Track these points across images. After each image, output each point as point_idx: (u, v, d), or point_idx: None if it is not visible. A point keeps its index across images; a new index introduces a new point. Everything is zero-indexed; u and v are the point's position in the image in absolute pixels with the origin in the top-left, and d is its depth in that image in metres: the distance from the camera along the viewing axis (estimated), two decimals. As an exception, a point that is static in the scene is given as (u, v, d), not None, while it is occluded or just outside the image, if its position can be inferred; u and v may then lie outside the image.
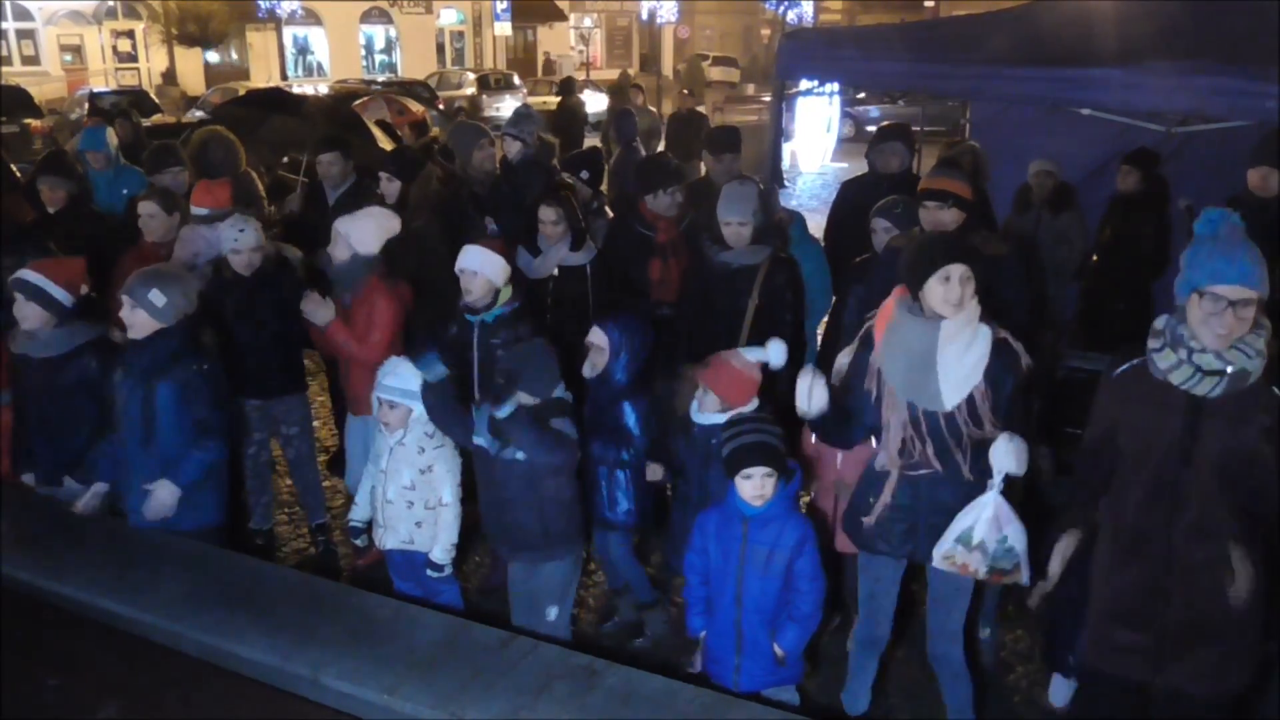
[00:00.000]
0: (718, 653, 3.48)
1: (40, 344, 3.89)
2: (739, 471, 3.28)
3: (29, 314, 3.86)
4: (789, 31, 14.14)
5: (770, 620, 3.39)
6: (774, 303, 4.61)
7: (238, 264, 4.64)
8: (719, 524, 3.42)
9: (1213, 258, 2.73)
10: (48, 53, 29.95)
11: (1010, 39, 5.25)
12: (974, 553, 3.22)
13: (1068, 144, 6.84)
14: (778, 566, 3.33)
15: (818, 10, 42.13)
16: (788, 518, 3.35)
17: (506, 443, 3.67)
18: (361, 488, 4.22)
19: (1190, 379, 2.79)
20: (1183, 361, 2.79)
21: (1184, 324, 2.81)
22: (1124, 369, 2.98)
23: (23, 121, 17.09)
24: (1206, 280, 2.73)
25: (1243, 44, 4.39)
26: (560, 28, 41.50)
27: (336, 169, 5.94)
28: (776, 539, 3.32)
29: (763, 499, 3.29)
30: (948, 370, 3.17)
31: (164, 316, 3.71)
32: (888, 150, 5.74)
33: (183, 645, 3.14)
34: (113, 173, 6.74)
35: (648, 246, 5.21)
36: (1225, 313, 2.70)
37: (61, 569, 3.45)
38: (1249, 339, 2.75)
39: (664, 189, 5.23)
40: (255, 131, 7.48)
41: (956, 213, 4.27)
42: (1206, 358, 2.77)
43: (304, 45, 35.59)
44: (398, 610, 3.26)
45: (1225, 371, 2.75)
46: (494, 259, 4.27)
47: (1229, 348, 2.75)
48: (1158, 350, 2.86)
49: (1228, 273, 2.70)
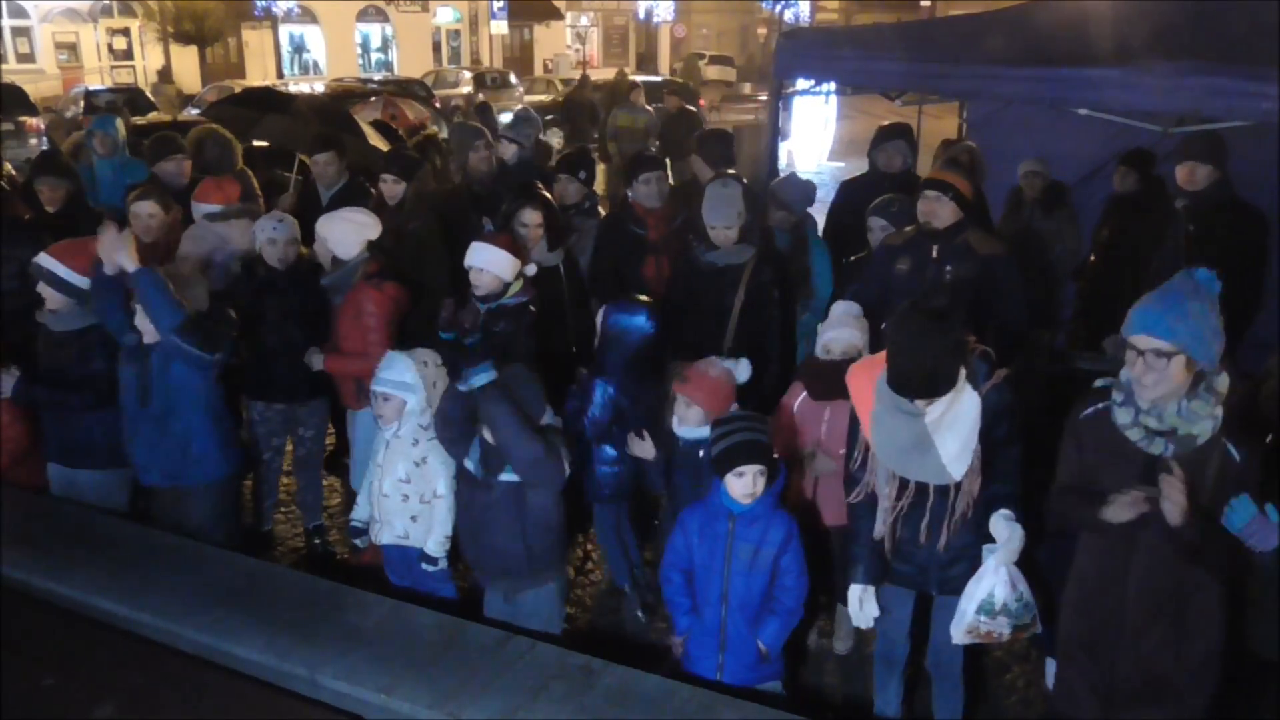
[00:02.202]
0: (701, 650, 3.48)
1: (57, 319, 4.16)
2: (731, 469, 3.28)
3: (50, 296, 4.12)
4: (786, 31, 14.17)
5: (755, 617, 3.41)
6: (759, 300, 4.62)
7: (272, 256, 4.66)
8: (703, 521, 3.42)
9: (1139, 308, 2.79)
10: (43, 50, 29.88)
11: (1007, 39, 5.25)
12: (998, 619, 3.22)
13: (1065, 144, 6.85)
14: (764, 564, 3.35)
15: (814, 9, 42.14)
16: (773, 514, 3.36)
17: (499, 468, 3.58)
18: (362, 487, 4.21)
19: (1142, 438, 2.85)
20: (1134, 422, 2.85)
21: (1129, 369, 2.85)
22: (1089, 413, 3.01)
23: (18, 119, 17.03)
24: (1126, 330, 2.81)
25: (1240, 44, 4.40)
26: (557, 26, 41.47)
27: (331, 168, 5.93)
28: (763, 536, 3.34)
29: (753, 496, 3.30)
30: (947, 447, 3.14)
31: None
32: (890, 149, 5.75)
33: (180, 644, 3.14)
34: (118, 161, 6.74)
35: (640, 245, 5.20)
36: (1137, 362, 2.76)
37: (59, 568, 3.45)
38: (1195, 406, 2.77)
39: (640, 177, 5.22)
40: (248, 131, 7.45)
41: (954, 208, 4.28)
42: (1151, 419, 2.82)
43: (300, 43, 35.53)
44: (395, 609, 3.26)
45: (1174, 432, 2.79)
46: (501, 255, 4.37)
47: (1174, 413, 2.78)
48: (1119, 404, 2.90)
49: (1143, 324, 2.76)
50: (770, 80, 6.10)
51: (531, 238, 4.88)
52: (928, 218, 4.36)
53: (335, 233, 4.68)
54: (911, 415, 3.12)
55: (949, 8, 31.93)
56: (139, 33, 31.01)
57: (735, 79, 34.70)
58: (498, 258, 4.37)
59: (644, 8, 39.26)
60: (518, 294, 4.43)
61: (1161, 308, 2.75)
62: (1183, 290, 2.77)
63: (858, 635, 4.23)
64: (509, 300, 4.41)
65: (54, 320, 4.15)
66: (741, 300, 4.58)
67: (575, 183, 5.59)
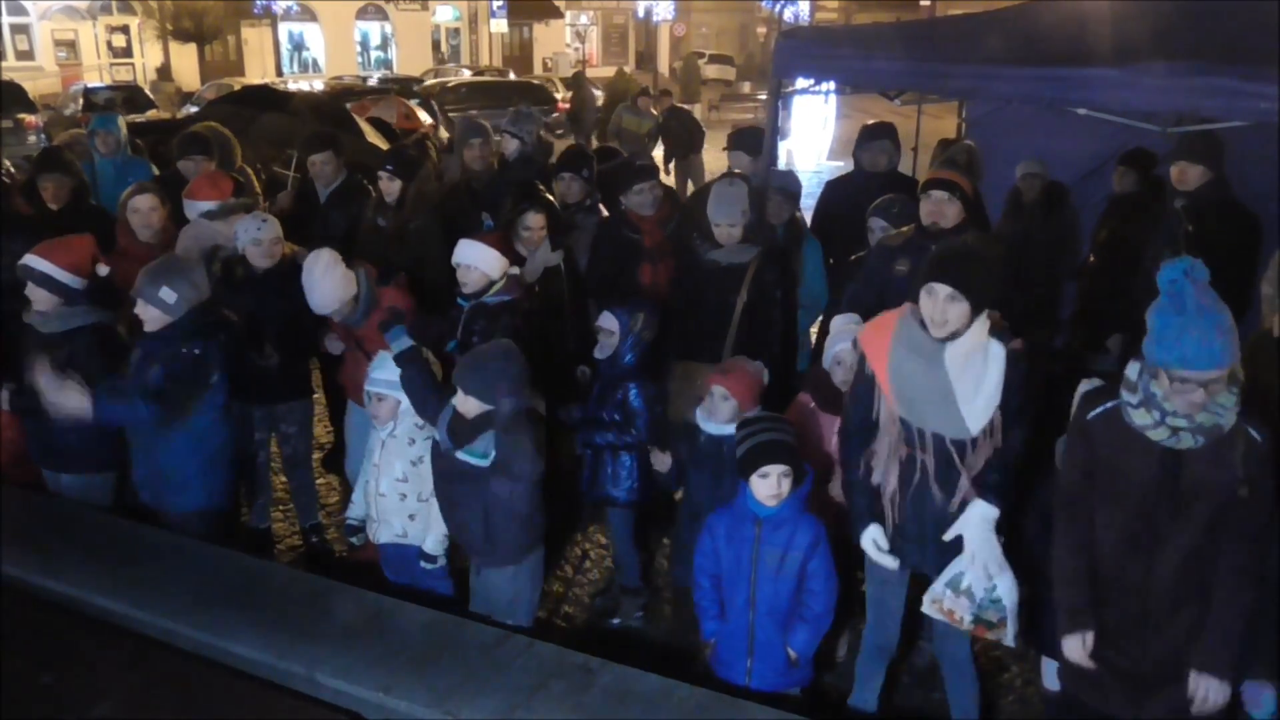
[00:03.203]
0: (729, 655, 3.45)
1: (45, 320, 4.02)
2: (756, 470, 3.24)
3: (38, 297, 3.99)
4: (786, 30, 14.17)
5: (783, 622, 3.36)
6: (762, 301, 4.62)
7: (257, 256, 4.58)
8: (730, 526, 3.38)
9: (1181, 340, 2.67)
10: (42, 48, 29.87)
11: (1007, 38, 5.25)
12: (960, 598, 3.21)
13: (1063, 143, 6.83)
14: (791, 568, 3.30)
15: (814, 9, 42.11)
16: (800, 518, 3.31)
17: (464, 441, 3.57)
18: (357, 485, 4.21)
19: (1168, 438, 2.79)
20: (1159, 423, 2.79)
21: (1156, 385, 2.77)
22: (1098, 413, 2.96)
23: (16, 117, 17.02)
24: (1177, 364, 2.68)
25: (1239, 44, 4.39)
26: (556, 25, 41.43)
27: (329, 167, 5.93)
28: (790, 540, 3.29)
29: (778, 498, 3.25)
30: (968, 398, 3.12)
31: (175, 311, 3.84)
32: (876, 148, 5.78)
33: (178, 642, 3.14)
34: (120, 160, 6.71)
35: (636, 251, 5.20)
36: (1196, 391, 2.69)
37: (57, 565, 3.45)
38: (1221, 399, 2.74)
39: (634, 188, 5.21)
40: (246, 129, 7.45)
41: (959, 209, 4.27)
42: (1180, 420, 2.76)
43: (299, 41, 35.51)
44: (393, 607, 3.25)
45: (1202, 426, 2.76)
46: (488, 253, 4.31)
47: (1203, 410, 2.74)
48: (1133, 406, 2.84)
49: (1198, 359, 2.66)
50: (769, 79, 6.10)
51: (535, 240, 4.88)
52: (935, 218, 4.32)
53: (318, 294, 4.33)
54: (932, 356, 3.09)
55: (948, 7, 31.90)
56: (138, 30, 30.99)
57: (735, 78, 34.70)
58: (485, 255, 4.30)
59: (643, 6, 39.18)
60: (499, 293, 4.33)
61: (1220, 336, 2.64)
62: (1213, 306, 2.67)
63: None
64: (489, 299, 4.32)
65: (43, 321, 4.01)
66: (744, 300, 4.58)
67: (578, 181, 5.58)
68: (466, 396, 3.52)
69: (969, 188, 4.31)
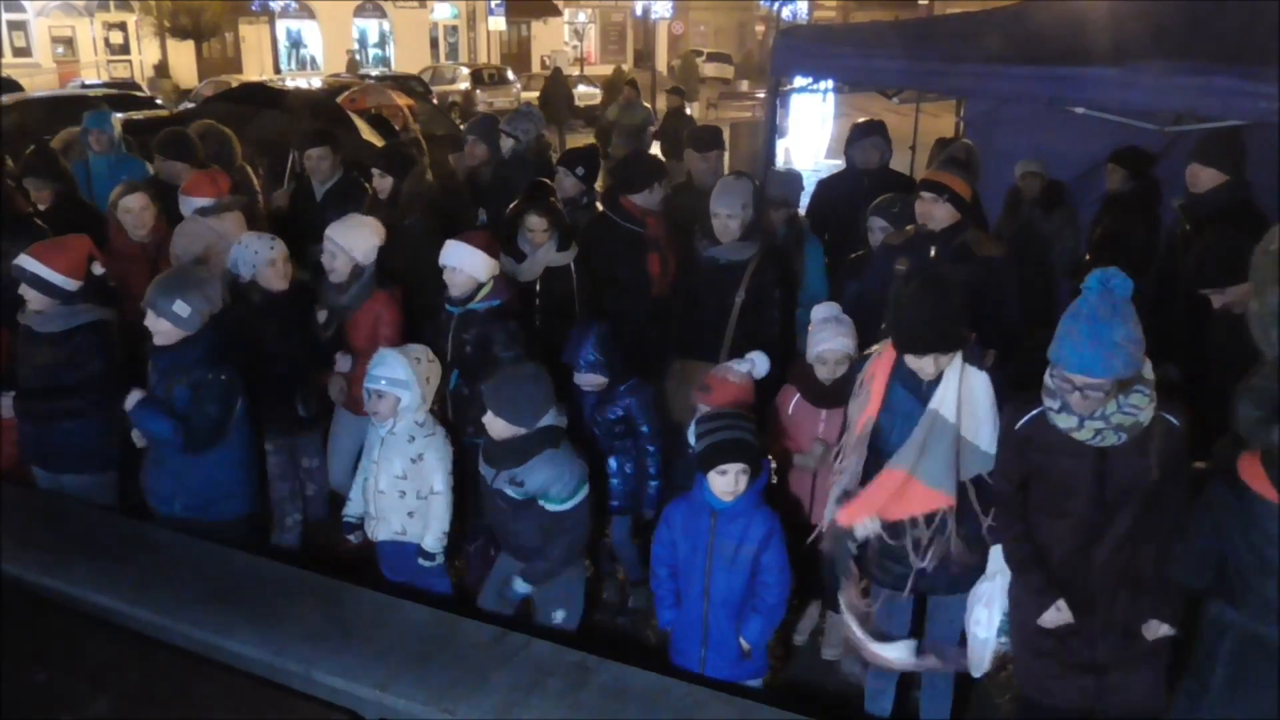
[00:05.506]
0: (684, 644, 3.52)
1: (43, 320, 4.00)
2: (714, 467, 3.29)
3: (33, 297, 3.97)
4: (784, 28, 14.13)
5: (737, 613, 3.42)
6: (761, 299, 4.61)
7: (272, 277, 4.36)
8: (686, 516, 3.44)
9: (1068, 343, 2.84)
10: (39, 44, 29.86)
11: (1005, 37, 5.25)
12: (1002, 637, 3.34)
13: (1062, 142, 6.84)
14: (745, 560, 3.36)
15: (812, 7, 42.09)
16: (755, 511, 3.37)
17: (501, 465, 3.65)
18: (355, 483, 4.21)
19: (1092, 437, 2.93)
20: (1079, 426, 2.93)
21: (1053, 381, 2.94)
22: (1025, 421, 3.07)
23: (14, 114, 17.01)
24: (1060, 364, 2.87)
25: (1237, 44, 4.40)
26: (554, 23, 41.44)
27: (326, 162, 5.92)
28: (744, 533, 3.35)
29: (735, 494, 3.31)
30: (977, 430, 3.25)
31: (189, 325, 3.76)
32: (868, 145, 5.81)
33: (176, 640, 3.13)
34: (114, 158, 6.69)
35: (638, 242, 5.18)
36: (1074, 394, 2.86)
37: (55, 564, 3.44)
38: (1134, 400, 2.88)
39: (649, 188, 5.18)
40: (242, 127, 7.42)
41: (950, 210, 4.26)
42: (1097, 422, 2.90)
43: (297, 39, 35.50)
44: (391, 605, 3.26)
45: (1121, 425, 2.90)
46: (475, 254, 4.22)
47: (1116, 411, 2.88)
48: (1054, 411, 2.97)
49: (1079, 364, 2.81)
50: (768, 77, 6.10)
51: (536, 242, 4.87)
52: (923, 219, 4.34)
53: (358, 240, 4.47)
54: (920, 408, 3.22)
55: (947, 6, 31.91)
56: (135, 27, 30.99)
57: (733, 76, 34.72)
58: (471, 257, 4.19)
59: (641, 5, 39.07)
60: (488, 297, 4.24)
61: (1094, 346, 2.79)
62: (1108, 318, 2.80)
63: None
64: (478, 305, 4.23)
65: (39, 322, 3.98)
66: (743, 298, 4.58)
67: (571, 177, 5.58)
68: (495, 418, 3.59)
69: (963, 188, 4.29)
